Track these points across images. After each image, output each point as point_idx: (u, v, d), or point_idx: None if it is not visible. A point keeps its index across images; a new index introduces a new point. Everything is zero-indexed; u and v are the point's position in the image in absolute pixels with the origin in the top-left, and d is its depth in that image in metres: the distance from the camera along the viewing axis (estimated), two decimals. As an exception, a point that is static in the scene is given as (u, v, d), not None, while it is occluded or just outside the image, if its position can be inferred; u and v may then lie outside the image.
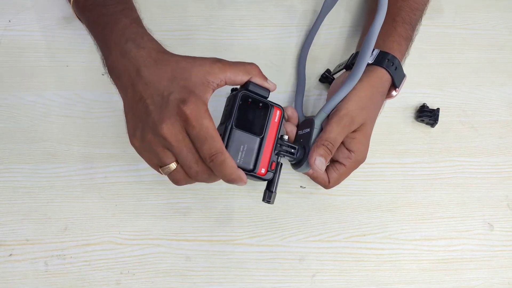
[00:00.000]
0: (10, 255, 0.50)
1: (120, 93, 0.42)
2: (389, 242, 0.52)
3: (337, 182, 0.48)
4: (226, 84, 0.40)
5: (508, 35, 0.61)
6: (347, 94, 0.46)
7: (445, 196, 0.54)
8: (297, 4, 0.62)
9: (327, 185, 0.47)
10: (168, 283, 0.49)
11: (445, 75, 0.59)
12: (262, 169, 0.42)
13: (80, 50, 0.58)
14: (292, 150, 0.45)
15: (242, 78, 0.41)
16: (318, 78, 0.58)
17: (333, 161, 0.48)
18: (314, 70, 0.58)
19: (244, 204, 0.52)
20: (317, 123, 0.46)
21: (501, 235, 0.53)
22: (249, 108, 0.41)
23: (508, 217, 0.53)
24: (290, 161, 0.47)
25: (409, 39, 0.51)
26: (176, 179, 0.40)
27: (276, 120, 0.43)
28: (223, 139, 0.39)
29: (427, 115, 0.55)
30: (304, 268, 0.50)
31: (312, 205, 0.53)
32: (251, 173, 0.41)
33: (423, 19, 0.55)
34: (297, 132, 0.48)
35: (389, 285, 0.50)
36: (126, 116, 0.41)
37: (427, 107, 0.56)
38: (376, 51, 0.48)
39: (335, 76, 0.55)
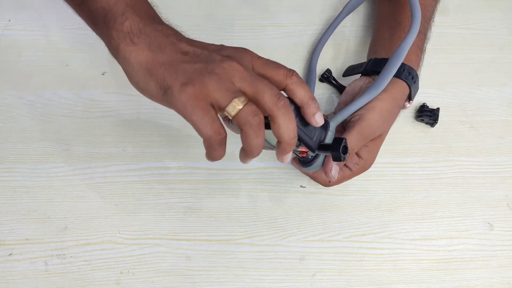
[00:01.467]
0: (10, 254, 0.50)
1: (138, 56, 0.36)
2: (389, 242, 0.52)
3: (338, 183, 0.48)
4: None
5: (508, 35, 0.61)
6: (369, 103, 0.44)
7: (445, 196, 0.54)
8: (298, 4, 0.62)
9: (327, 184, 0.48)
10: (168, 283, 0.49)
11: (445, 75, 0.59)
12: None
13: (80, 49, 0.58)
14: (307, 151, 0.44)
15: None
16: (318, 78, 0.58)
17: None
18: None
19: (244, 204, 0.52)
20: (333, 126, 0.44)
21: (501, 235, 0.52)
22: None
23: (508, 217, 0.53)
24: (301, 159, 0.46)
25: (422, 50, 0.51)
26: (250, 110, 0.33)
27: None
28: None
29: (427, 114, 0.55)
30: (304, 267, 0.50)
31: (312, 204, 0.53)
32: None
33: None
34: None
35: (389, 284, 0.50)
36: (156, 73, 0.34)
37: (427, 106, 0.56)
38: None
39: (344, 77, 0.55)
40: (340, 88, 0.57)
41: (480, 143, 0.56)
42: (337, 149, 0.38)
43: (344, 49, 0.60)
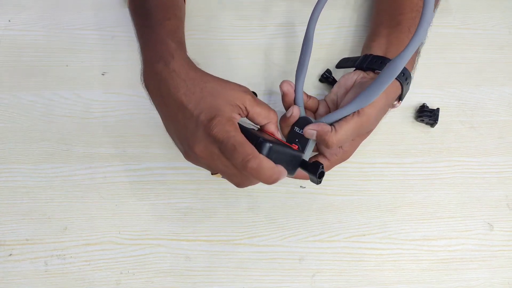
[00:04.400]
0: (10, 255, 0.50)
1: (155, 107, 0.44)
2: (388, 242, 0.52)
3: None
4: (246, 117, 0.42)
5: (508, 35, 0.61)
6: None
7: (444, 196, 0.54)
8: (298, 4, 0.62)
9: (306, 177, 0.47)
10: (168, 283, 0.49)
11: (445, 75, 0.59)
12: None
13: (80, 50, 0.58)
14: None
15: (262, 121, 0.42)
16: (318, 78, 0.58)
17: (318, 154, 0.47)
18: (314, 70, 0.58)
19: (244, 204, 0.52)
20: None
21: (501, 235, 0.52)
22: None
23: (508, 217, 0.53)
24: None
25: (417, 52, 0.50)
26: (231, 183, 0.41)
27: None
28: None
29: (427, 115, 0.55)
30: (304, 268, 0.50)
31: (312, 205, 0.53)
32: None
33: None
34: (293, 127, 0.46)
35: (388, 285, 0.50)
36: (168, 129, 0.43)
37: (427, 107, 0.56)
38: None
39: (337, 70, 0.55)
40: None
41: (480, 143, 0.56)
42: (315, 174, 0.41)
43: (343, 49, 0.60)
